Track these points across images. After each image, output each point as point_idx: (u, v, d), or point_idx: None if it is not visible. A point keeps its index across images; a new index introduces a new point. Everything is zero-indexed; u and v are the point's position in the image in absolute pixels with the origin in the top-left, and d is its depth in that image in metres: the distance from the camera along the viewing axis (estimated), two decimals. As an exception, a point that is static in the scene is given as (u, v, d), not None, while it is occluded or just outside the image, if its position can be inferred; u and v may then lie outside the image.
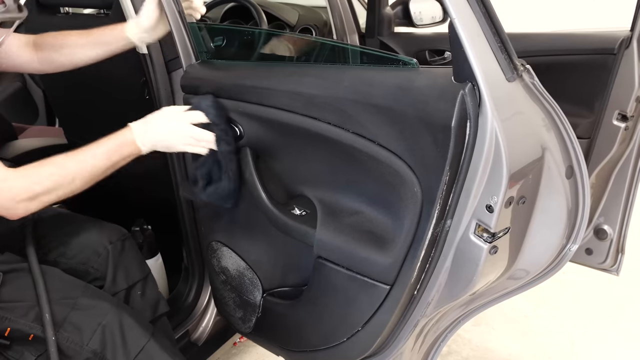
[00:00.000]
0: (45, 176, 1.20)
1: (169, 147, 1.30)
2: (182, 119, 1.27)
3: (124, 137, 1.26)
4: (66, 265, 1.44)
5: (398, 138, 1.06)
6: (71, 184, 1.22)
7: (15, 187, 1.19)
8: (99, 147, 1.24)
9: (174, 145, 1.29)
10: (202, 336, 1.82)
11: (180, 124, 1.27)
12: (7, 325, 1.24)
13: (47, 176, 1.20)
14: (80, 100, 2.00)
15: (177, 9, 1.44)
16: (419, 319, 1.21)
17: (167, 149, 1.30)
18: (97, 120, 2.00)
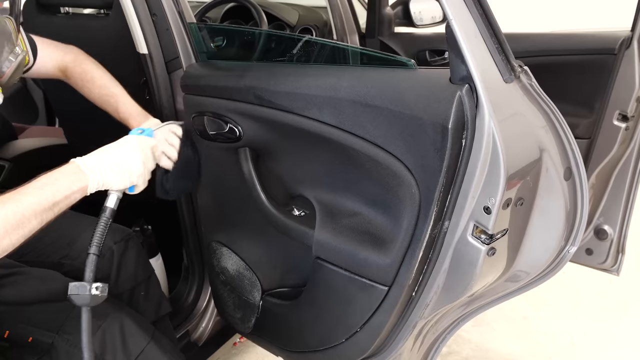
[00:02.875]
0: None
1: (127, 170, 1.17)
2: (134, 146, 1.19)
3: (64, 170, 1.11)
4: (70, 267, 1.44)
5: (396, 139, 1.06)
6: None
7: None
8: (26, 192, 1.03)
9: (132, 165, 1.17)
10: (202, 336, 1.82)
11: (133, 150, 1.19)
12: (6, 328, 1.24)
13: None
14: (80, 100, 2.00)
15: (177, 9, 1.44)
16: (418, 320, 1.21)
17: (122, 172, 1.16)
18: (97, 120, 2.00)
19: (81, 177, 1.09)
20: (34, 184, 1.04)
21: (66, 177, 1.08)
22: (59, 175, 1.08)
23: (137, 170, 1.17)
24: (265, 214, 1.38)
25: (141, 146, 1.20)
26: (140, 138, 1.22)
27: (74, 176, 1.09)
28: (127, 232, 1.52)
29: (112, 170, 1.14)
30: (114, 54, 1.71)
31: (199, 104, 1.41)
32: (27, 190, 1.03)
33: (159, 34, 1.47)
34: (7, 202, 0.99)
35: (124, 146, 1.18)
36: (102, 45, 1.74)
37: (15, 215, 0.98)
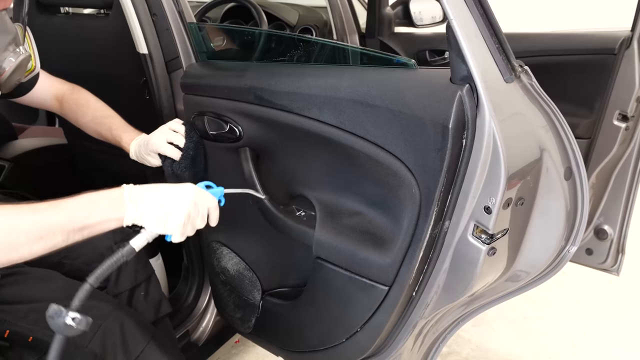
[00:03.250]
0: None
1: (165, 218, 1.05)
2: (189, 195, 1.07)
3: (110, 193, 1.03)
4: (71, 267, 1.44)
5: (396, 139, 1.06)
6: (13, 251, 0.94)
7: None
8: (62, 206, 0.98)
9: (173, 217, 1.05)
10: (202, 336, 1.82)
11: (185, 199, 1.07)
12: (6, 327, 1.24)
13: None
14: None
15: (177, 9, 1.44)
16: (418, 320, 1.21)
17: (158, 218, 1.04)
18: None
19: (120, 206, 1.01)
20: (73, 200, 0.99)
21: (106, 202, 1.01)
22: (100, 197, 1.01)
23: (176, 220, 1.04)
24: (265, 214, 1.38)
25: (196, 199, 1.07)
26: (201, 191, 1.10)
27: (114, 203, 1.01)
28: (127, 232, 1.51)
29: (152, 209, 1.03)
30: (114, 54, 1.72)
31: (199, 104, 1.41)
32: (63, 204, 0.98)
33: (159, 34, 1.47)
34: (39, 211, 0.95)
35: (177, 190, 1.06)
36: (102, 45, 1.74)
37: (42, 227, 0.94)
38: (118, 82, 1.77)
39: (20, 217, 0.94)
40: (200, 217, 1.08)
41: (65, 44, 1.81)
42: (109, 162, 2.04)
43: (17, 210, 0.94)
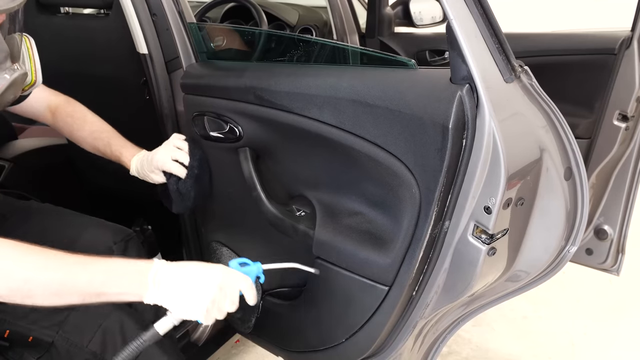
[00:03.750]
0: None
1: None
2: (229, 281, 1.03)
3: (136, 266, 0.99)
4: None
5: (396, 139, 1.06)
6: (26, 297, 0.92)
7: None
8: (87, 268, 0.95)
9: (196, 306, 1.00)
10: (202, 336, 1.81)
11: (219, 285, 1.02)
12: (6, 327, 1.24)
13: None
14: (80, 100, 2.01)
15: (177, 9, 1.44)
16: (418, 320, 1.21)
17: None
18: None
19: (142, 285, 0.96)
20: (96, 262, 0.96)
21: (129, 276, 0.97)
22: (124, 268, 0.98)
23: (199, 307, 0.99)
24: (265, 214, 1.38)
25: (222, 283, 1.01)
26: (230, 274, 1.04)
27: (137, 278, 0.97)
28: (128, 232, 1.52)
29: (174, 294, 0.98)
30: (113, 54, 1.72)
31: (199, 104, 1.41)
32: (88, 265, 0.95)
33: (159, 34, 1.47)
34: (62, 268, 0.93)
35: (202, 275, 1.01)
36: (102, 46, 1.74)
37: (59, 285, 0.92)
38: (118, 82, 1.78)
39: (39, 270, 0.92)
40: (229, 301, 1.03)
41: (65, 44, 1.81)
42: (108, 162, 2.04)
43: (43, 261, 0.93)
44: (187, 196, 1.41)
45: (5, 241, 0.93)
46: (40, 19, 1.83)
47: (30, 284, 0.91)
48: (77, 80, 1.74)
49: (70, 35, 1.82)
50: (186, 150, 1.41)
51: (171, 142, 1.42)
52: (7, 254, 0.92)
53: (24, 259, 0.92)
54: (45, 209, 1.55)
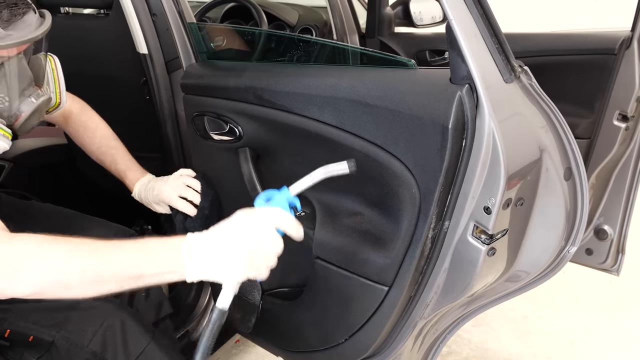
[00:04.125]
0: (35, 266, 0.89)
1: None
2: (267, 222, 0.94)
3: (170, 244, 0.93)
4: None
5: (396, 139, 1.06)
6: (63, 289, 0.90)
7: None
8: (117, 251, 0.91)
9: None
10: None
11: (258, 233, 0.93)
12: (7, 327, 1.24)
13: (37, 266, 0.89)
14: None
15: (177, 9, 1.44)
16: (418, 320, 1.21)
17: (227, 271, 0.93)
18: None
19: (179, 263, 0.91)
20: (127, 245, 0.92)
21: (163, 255, 0.92)
22: (157, 247, 0.93)
23: (241, 267, 0.92)
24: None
25: (256, 230, 0.93)
26: (259, 215, 0.95)
27: (173, 258, 0.91)
28: (130, 232, 1.52)
29: (211, 265, 0.91)
30: (114, 54, 1.72)
31: (199, 104, 1.41)
32: (120, 248, 0.91)
33: (159, 34, 1.47)
34: (93, 255, 0.90)
35: (234, 229, 0.93)
36: (102, 46, 1.74)
37: (94, 273, 0.89)
38: (118, 82, 1.78)
39: (73, 259, 0.89)
40: (271, 243, 0.94)
41: (65, 44, 1.81)
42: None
43: (72, 249, 0.91)
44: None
45: (33, 236, 0.91)
46: (41, 19, 1.83)
47: (65, 275, 0.88)
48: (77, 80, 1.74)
49: (70, 36, 1.82)
50: (197, 188, 1.41)
51: (182, 180, 1.42)
52: (38, 248, 0.90)
53: (55, 251, 0.90)
54: (46, 209, 1.55)
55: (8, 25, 0.98)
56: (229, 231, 0.93)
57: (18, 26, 1.00)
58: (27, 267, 0.89)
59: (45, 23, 1.06)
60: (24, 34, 1.00)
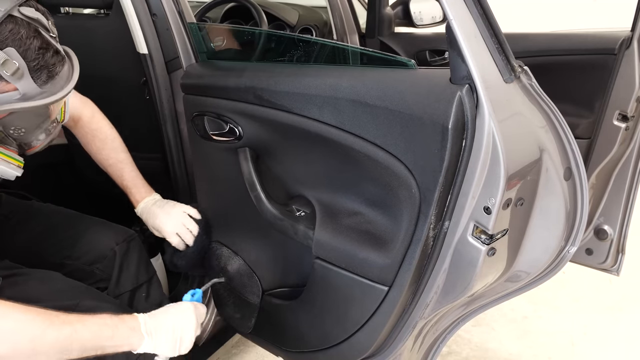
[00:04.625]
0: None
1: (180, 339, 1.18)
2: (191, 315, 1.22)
3: (127, 322, 1.11)
4: (72, 267, 1.43)
5: (396, 139, 1.06)
6: (31, 356, 0.97)
7: None
8: (86, 324, 1.03)
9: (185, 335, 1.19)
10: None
11: (190, 319, 1.21)
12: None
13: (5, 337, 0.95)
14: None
15: (177, 9, 1.44)
16: (418, 320, 1.21)
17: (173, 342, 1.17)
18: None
19: (137, 338, 1.10)
20: (95, 319, 1.05)
21: (125, 331, 1.09)
22: (120, 323, 1.09)
23: (188, 340, 1.19)
24: (265, 214, 1.38)
25: (196, 315, 1.22)
26: (196, 307, 1.24)
27: (132, 333, 1.10)
28: (130, 233, 1.52)
29: (167, 337, 1.15)
30: (114, 54, 1.72)
31: (199, 104, 1.41)
32: (88, 322, 1.04)
33: (159, 34, 1.47)
34: (65, 325, 1.00)
35: (182, 314, 1.20)
36: (102, 46, 1.74)
37: (65, 342, 0.99)
38: (118, 82, 1.78)
39: (47, 327, 0.98)
40: (195, 327, 1.21)
41: (65, 44, 1.81)
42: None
43: (46, 319, 0.99)
44: (176, 267, 1.55)
45: (8, 303, 0.97)
46: (41, 19, 1.82)
47: (35, 342, 0.96)
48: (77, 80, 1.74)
49: (70, 35, 1.82)
50: (194, 231, 1.49)
51: (183, 217, 1.49)
52: (11, 315, 0.96)
53: (28, 320, 0.97)
54: (47, 209, 1.55)
55: (45, 84, 1.01)
56: (182, 316, 1.20)
57: (52, 81, 1.03)
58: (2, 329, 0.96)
59: (74, 73, 1.09)
60: (57, 89, 1.03)
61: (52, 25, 1.05)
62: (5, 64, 0.93)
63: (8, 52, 0.94)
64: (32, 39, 0.97)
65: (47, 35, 1.01)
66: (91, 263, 1.46)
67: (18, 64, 0.95)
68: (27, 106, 0.99)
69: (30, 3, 1.00)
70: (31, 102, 0.99)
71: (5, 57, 0.93)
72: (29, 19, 0.98)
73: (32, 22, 0.98)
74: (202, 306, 1.28)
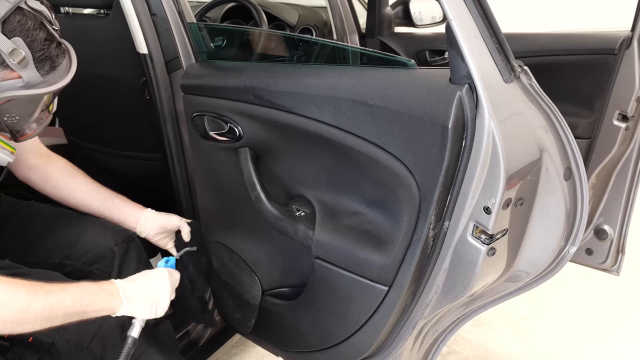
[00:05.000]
0: None
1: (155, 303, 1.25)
2: (166, 280, 1.29)
3: (105, 288, 1.18)
4: (72, 267, 1.44)
5: (396, 139, 1.06)
6: (19, 326, 1.03)
7: None
8: (68, 292, 1.09)
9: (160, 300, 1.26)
10: (202, 336, 1.82)
11: (165, 284, 1.28)
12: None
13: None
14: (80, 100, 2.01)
15: (177, 9, 1.44)
16: (418, 320, 1.21)
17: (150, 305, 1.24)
18: (98, 120, 2.00)
19: (115, 301, 1.16)
20: (76, 287, 1.12)
21: (104, 296, 1.15)
22: (99, 290, 1.15)
23: (164, 304, 1.26)
24: (265, 214, 1.38)
25: (171, 281, 1.29)
26: (171, 272, 1.32)
27: (111, 297, 1.16)
28: (129, 233, 1.52)
29: (144, 301, 1.21)
30: (114, 54, 1.72)
31: (199, 104, 1.41)
32: (70, 290, 1.10)
33: (159, 34, 1.47)
34: (49, 295, 1.06)
35: (157, 280, 1.27)
36: (102, 45, 1.74)
37: (51, 310, 1.05)
38: (118, 82, 1.77)
39: (33, 298, 1.03)
40: (168, 292, 1.28)
41: (65, 44, 1.81)
42: (108, 162, 2.04)
43: (31, 290, 1.04)
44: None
45: (11, 286, 1.03)
46: (40, 19, 1.82)
47: (25, 313, 1.02)
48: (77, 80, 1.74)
49: (70, 35, 1.81)
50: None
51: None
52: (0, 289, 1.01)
53: (14, 291, 1.02)
54: (47, 209, 1.55)
55: (47, 74, 1.05)
56: (157, 280, 1.26)
57: (54, 72, 1.08)
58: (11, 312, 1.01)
59: (72, 65, 1.15)
60: (57, 79, 1.09)
61: (54, 19, 1.09)
62: (13, 52, 0.98)
63: (16, 42, 0.98)
64: (38, 30, 1.01)
65: (51, 28, 1.06)
66: (91, 263, 1.46)
67: (24, 54, 0.99)
68: (29, 94, 1.03)
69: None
70: (33, 90, 1.03)
71: (13, 47, 0.98)
72: (35, 11, 1.02)
73: (37, 14, 1.02)
74: (176, 272, 1.34)
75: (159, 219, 1.53)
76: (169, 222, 1.54)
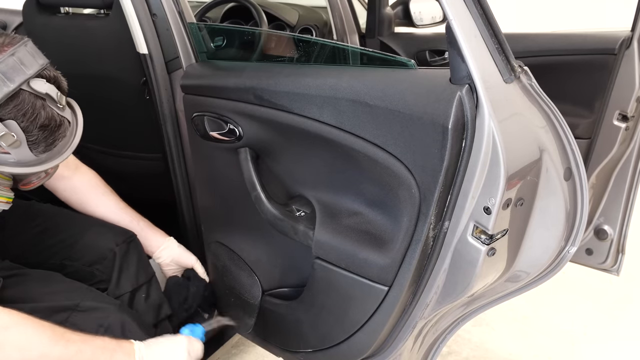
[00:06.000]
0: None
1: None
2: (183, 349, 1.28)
3: (124, 347, 1.18)
4: (72, 268, 1.44)
5: (396, 139, 1.06)
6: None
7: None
8: (89, 345, 1.11)
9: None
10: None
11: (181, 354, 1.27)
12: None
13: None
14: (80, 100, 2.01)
15: (177, 9, 1.44)
16: (418, 320, 1.21)
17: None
18: (98, 120, 2.00)
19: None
20: (97, 342, 1.13)
21: (122, 356, 1.15)
22: (118, 348, 1.15)
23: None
24: (265, 214, 1.38)
25: (189, 350, 1.27)
26: (191, 341, 1.30)
27: (127, 358, 1.16)
28: (129, 233, 1.52)
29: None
30: (114, 54, 1.72)
31: (199, 104, 1.41)
32: (91, 343, 1.11)
33: (159, 34, 1.47)
34: (70, 344, 1.07)
35: (174, 347, 1.26)
36: (102, 45, 1.74)
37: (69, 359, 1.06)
38: (118, 82, 1.77)
39: (55, 345, 1.05)
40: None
41: (65, 44, 1.81)
42: (108, 162, 2.04)
43: (54, 336, 1.06)
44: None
45: (20, 314, 1.04)
46: (40, 19, 1.83)
47: (43, 358, 1.03)
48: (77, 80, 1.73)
49: (70, 36, 1.82)
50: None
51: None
52: (24, 328, 1.03)
53: (39, 334, 1.04)
54: (47, 209, 1.55)
55: (41, 154, 1.04)
56: (173, 347, 1.26)
57: (50, 152, 1.07)
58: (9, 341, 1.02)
59: (75, 138, 1.13)
60: (54, 156, 1.08)
61: (61, 94, 1.06)
62: (4, 136, 0.96)
63: (9, 125, 0.97)
64: (36, 115, 0.99)
65: (54, 108, 1.03)
66: (91, 264, 1.46)
67: (17, 137, 0.98)
68: (21, 172, 1.03)
69: (43, 73, 1.02)
70: (25, 168, 1.03)
71: (5, 131, 0.96)
72: (38, 93, 1.00)
73: (39, 95, 1.00)
74: (198, 341, 1.32)
75: (178, 251, 1.58)
76: (186, 258, 1.59)
